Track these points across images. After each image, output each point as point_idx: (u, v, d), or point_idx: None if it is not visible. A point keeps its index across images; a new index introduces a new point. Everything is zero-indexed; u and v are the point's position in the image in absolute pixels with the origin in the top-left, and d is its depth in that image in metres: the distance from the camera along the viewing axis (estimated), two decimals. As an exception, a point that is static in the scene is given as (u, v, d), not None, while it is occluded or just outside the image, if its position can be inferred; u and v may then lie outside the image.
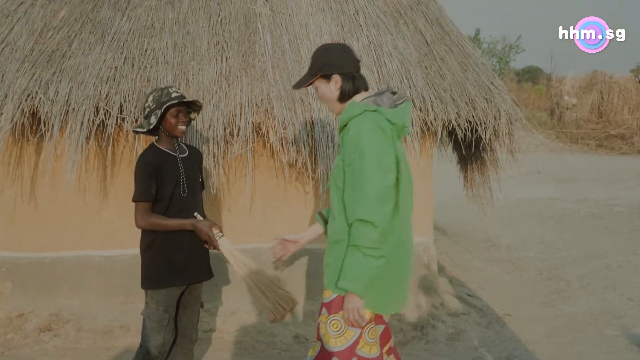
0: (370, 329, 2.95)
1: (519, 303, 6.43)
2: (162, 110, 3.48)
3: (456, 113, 5.29)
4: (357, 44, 5.52)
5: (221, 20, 5.50)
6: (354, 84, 3.04)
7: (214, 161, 5.02)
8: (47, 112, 4.82)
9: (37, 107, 4.84)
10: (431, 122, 5.29)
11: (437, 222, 8.60)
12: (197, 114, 3.86)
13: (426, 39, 5.75)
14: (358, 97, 3.03)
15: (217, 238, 3.50)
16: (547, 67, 41.84)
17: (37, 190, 5.36)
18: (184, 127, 3.59)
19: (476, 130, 5.41)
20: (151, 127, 3.50)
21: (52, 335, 5.03)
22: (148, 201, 3.48)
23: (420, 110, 5.27)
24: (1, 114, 4.80)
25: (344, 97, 3.04)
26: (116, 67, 5.06)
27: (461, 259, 8.25)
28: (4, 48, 5.13)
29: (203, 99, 5.00)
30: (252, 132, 5.05)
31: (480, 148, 5.85)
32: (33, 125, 5.04)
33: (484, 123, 5.35)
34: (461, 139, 5.47)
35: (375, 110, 2.89)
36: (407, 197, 3.00)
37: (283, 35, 5.44)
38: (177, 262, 3.55)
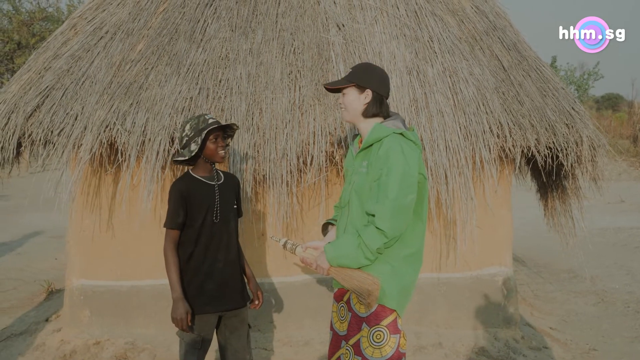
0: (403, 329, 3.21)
1: (606, 337, 6.12)
2: (203, 136, 3.53)
3: (535, 139, 5.14)
4: (432, 70, 5.43)
5: (294, 49, 5.51)
6: (380, 106, 3.27)
7: (287, 190, 5.00)
8: (124, 143, 4.91)
9: (114, 138, 4.93)
10: (509, 149, 5.15)
11: (516, 252, 8.34)
12: (232, 138, 3.92)
13: (503, 65, 5.62)
14: (377, 121, 3.25)
15: (294, 248, 3.49)
16: (628, 94, 40.87)
17: (114, 220, 5.46)
18: (223, 152, 3.65)
19: (557, 157, 5.23)
20: (192, 154, 3.55)
21: (127, 363, 5.08)
22: (173, 229, 3.56)
23: (498, 136, 5.14)
24: (81, 145, 4.92)
25: (367, 113, 3.25)
26: (191, 98, 5.12)
27: (542, 290, 7.96)
28: (84, 81, 5.26)
29: (276, 128, 5.01)
30: (326, 161, 5.02)
31: (562, 175, 5.65)
32: (111, 156, 5.16)
33: (565, 149, 5.17)
34: (541, 165, 5.30)
35: (401, 134, 3.15)
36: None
37: (356, 63, 5.39)
38: (209, 289, 3.61)
